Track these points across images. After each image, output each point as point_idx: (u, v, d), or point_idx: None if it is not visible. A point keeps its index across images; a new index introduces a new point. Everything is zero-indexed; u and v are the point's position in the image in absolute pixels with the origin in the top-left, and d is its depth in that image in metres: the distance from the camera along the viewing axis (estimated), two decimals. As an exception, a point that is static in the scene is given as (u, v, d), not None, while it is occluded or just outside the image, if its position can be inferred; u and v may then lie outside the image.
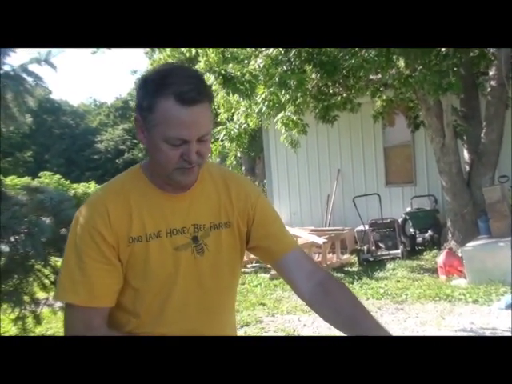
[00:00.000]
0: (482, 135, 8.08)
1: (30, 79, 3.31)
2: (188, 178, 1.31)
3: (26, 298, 3.13)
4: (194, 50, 7.83)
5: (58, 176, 23.16)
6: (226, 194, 1.42)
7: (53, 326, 5.51)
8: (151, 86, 1.24)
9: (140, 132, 1.30)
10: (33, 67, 3.31)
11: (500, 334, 4.78)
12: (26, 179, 17.70)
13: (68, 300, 1.30)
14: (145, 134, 1.29)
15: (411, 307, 5.90)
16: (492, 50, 7.88)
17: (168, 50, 12.46)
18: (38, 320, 3.26)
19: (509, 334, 4.76)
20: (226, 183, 1.43)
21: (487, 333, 4.85)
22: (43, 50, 3.31)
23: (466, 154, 8.46)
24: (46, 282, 3.17)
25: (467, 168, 8.39)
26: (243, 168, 17.10)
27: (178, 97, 1.21)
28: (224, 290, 1.44)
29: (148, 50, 16.64)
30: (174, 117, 1.22)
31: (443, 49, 7.53)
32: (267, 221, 1.46)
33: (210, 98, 1.28)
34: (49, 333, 5.60)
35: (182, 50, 8.61)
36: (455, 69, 6.98)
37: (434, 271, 7.32)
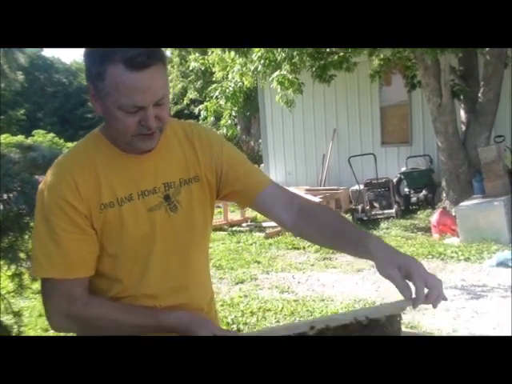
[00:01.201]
0: (480, 95, 8.02)
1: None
2: (149, 143, 1.27)
3: (21, 254, 3.14)
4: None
5: (51, 135, 23.04)
6: (191, 149, 1.39)
7: (50, 283, 5.57)
8: (99, 52, 1.19)
9: (94, 101, 1.25)
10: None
11: (490, 291, 4.87)
12: (20, 137, 17.59)
13: (46, 275, 1.25)
14: (99, 103, 1.24)
15: (404, 265, 5.97)
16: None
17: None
18: (34, 276, 3.29)
19: (499, 291, 4.84)
20: (189, 137, 1.40)
21: (478, 289, 4.93)
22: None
23: (462, 114, 8.42)
24: (42, 238, 3.19)
25: (463, 128, 8.37)
26: (238, 127, 17.00)
27: (127, 62, 1.15)
28: (199, 245, 1.43)
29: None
30: (125, 84, 1.16)
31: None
32: (236, 164, 1.44)
33: (163, 60, 1.21)
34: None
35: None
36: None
37: (427, 230, 7.39)
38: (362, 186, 8.98)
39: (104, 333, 1.23)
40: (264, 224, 8.73)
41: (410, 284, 1.18)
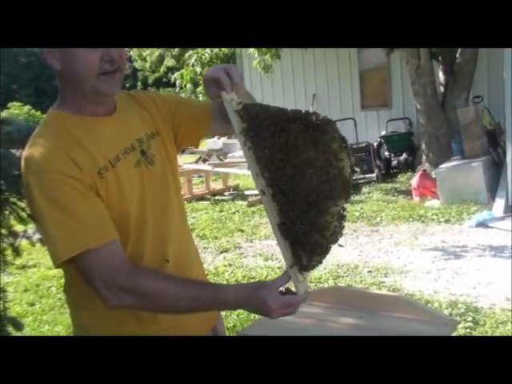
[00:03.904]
0: (457, 55, 8.03)
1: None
2: (113, 86, 1.28)
3: (3, 231, 3.11)
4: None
5: (27, 107, 22.59)
6: (140, 107, 1.43)
7: (33, 257, 5.55)
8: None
9: (50, 57, 1.26)
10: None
11: (470, 252, 4.96)
12: (-5, 111, 17.22)
13: (76, 251, 1.18)
14: (56, 55, 1.25)
15: (386, 229, 6.06)
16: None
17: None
18: (17, 252, 3.26)
19: (478, 251, 4.94)
20: (134, 99, 1.45)
21: (458, 250, 5.03)
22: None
23: (440, 76, 8.43)
24: (23, 214, 3.15)
25: (442, 89, 8.39)
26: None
27: None
28: (178, 198, 1.47)
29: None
30: None
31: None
32: (177, 101, 1.52)
33: None
34: (30, 263, 5.64)
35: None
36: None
37: (408, 193, 7.47)
38: (342, 151, 8.99)
39: (162, 306, 1.23)
40: (246, 192, 8.74)
41: None
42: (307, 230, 1.16)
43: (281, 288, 1.19)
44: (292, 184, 1.18)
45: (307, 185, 1.19)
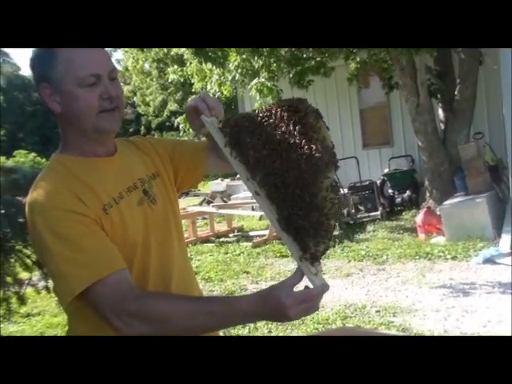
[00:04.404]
0: (456, 93, 8.12)
1: (-4, 57, 3.24)
2: (113, 123, 1.31)
3: (8, 279, 3.11)
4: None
5: (33, 154, 22.84)
6: (139, 151, 1.47)
7: (38, 304, 5.51)
8: (43, 52, 1.28)
9: (51, 101, 1.30)
10: (-2, 45, 3.23)
11: (478, 289, 4.91)
12: (1, 159, 17.41)
13: (87, 283, 1.17)
14: (56, 99, 1.29)
15: (392, 267, 6.01)
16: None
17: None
18: (22, 300, 3.26)
19: (487, 288, 4.88)
20: (133, 144, 1.48)
21: (466, 287, 4.97)
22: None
23: (440, 113, 8.52)
24: (28, 261, 3.16)
25: (442, 126, 8.45)
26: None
27: None
28: (180, 239, 1.47)
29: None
30: (76, 55, 1.25)
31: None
32: (174, 143, 1.56)
33: None
34: (34, 311, 5.60)
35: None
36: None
37: (413, 230, 7.43)
38: (346, 190, 9.02)
39: (176, 327, 1.17)
40: (251, 233, 8.72)
41: None
42: (306, 212, 1.15)
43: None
44: (282, 175, 1.19)
45: (296, 169, 1.19)
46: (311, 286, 1.14)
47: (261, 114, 1.28)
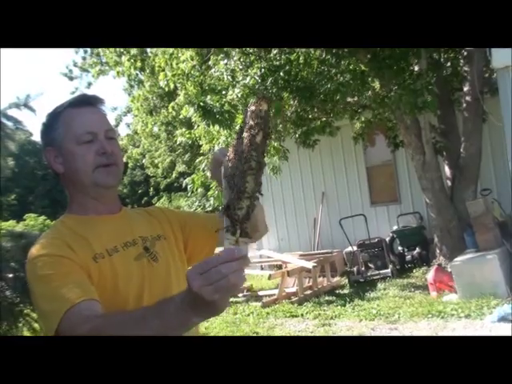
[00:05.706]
0: (462, 150, 8.19)
1: (9, 124, 3.34)
2: (111, 177, 1.37)
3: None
4: (172, 85, 7.91)
5: (43, 217, 22.96)
6: (148, 215, 1.52)
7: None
8: (48, 118, 1.40)
9: (55, 163, 1.38)
10: (12, 112, 3.34)
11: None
12: (11, 223, 17.51)
13: (62, 310, 1.16)
14: (59, 160, 1.37)
15: (405, 326, 5.90)
16: (464, 67, 8.07)
17: (147, 85, 12.54)
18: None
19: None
20: (143, 210, 1.55)
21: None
22: (22, 95, 3.35)
23: (447, 170, 8.57)
24: (36, 326, 3.15)
25: (449, 183, 8.49)
26: (228, 197, 17.07)
27: (71, 104, 1.38)
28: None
29: (127, 86, 16.71)
30: (75, 117, 1.36)
31: (416, 68, 7.70)
32: (187, 214, 1.62)
33: (102, 103, 1.42)
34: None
35: (161, 85, 8.68)
36: (429, 87, 7.11)
37: (424, 288, 7.33)
38: (355, 248, 8.97)
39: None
40: (260, 293, 8.63)
41: None
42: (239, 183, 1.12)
43: None
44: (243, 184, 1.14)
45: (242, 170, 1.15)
46: None
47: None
